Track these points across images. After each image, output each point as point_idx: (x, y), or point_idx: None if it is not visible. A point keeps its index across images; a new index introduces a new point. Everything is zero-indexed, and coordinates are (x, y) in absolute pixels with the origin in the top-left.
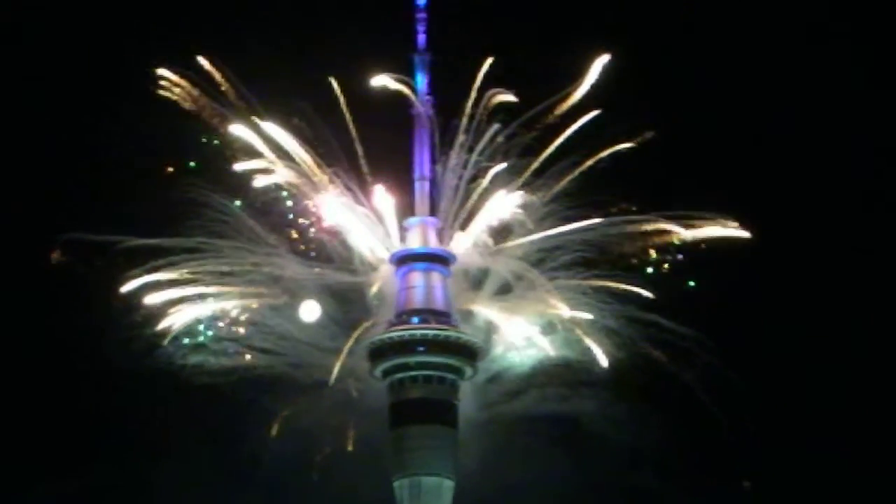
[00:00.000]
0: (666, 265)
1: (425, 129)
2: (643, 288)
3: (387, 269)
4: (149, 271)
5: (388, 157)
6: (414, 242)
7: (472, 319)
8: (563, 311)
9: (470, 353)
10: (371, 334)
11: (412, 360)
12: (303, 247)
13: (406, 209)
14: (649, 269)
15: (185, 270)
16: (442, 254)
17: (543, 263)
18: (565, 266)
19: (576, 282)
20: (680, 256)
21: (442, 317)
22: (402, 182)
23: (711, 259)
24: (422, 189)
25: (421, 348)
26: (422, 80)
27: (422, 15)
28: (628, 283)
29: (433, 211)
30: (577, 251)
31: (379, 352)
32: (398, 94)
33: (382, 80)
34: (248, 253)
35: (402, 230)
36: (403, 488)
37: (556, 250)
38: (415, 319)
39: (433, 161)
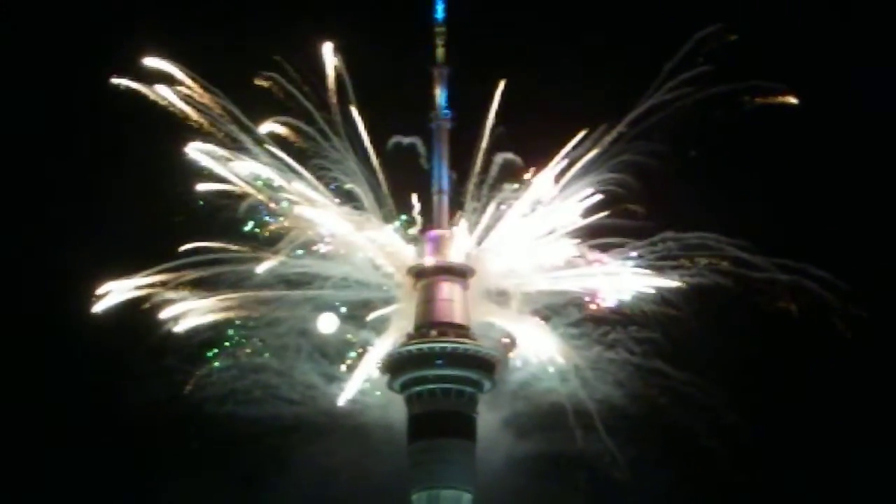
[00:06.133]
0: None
1: (444, 143)
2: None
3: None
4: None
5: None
6: (432, 256)
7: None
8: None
9: (488, 366)
10: (390, 347)
11: (430, 373)
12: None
13: (424, 223)
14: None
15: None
16: (460, 267)
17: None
18: (574, 323)
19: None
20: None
21: (460, 330)
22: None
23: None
24: (440, 202)
25: (439, 361)
26: (441, 94)
27: (440, 29)
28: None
29: (451, 224)
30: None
31: (397, 365)
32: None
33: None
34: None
35: (421, 243)
36: (422, 501)
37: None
38: (433, 332)
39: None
